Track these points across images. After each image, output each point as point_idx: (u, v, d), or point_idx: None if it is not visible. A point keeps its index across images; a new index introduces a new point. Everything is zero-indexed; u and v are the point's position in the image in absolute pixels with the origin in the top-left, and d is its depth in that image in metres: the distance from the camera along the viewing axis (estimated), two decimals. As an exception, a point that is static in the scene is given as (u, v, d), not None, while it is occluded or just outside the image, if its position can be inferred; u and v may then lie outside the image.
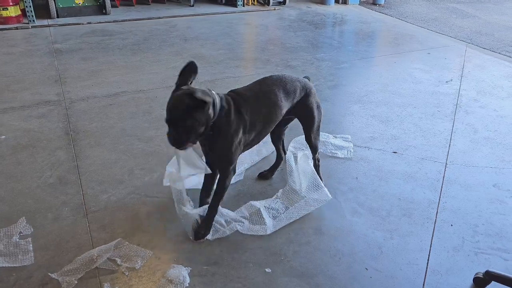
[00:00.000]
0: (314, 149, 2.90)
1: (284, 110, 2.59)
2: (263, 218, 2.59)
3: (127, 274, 2.22)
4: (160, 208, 2.67)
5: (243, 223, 2.55)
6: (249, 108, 2.40)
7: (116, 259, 2.30)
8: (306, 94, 2.68)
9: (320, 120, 2.83)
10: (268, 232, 2.53)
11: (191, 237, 2.44)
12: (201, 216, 2.50)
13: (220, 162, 2.43)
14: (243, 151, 2.52)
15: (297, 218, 2.64)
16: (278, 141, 3.01)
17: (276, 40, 6.25)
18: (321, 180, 2.82)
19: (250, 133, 2.44)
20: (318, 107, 2.78)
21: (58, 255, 2.32)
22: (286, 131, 3.02)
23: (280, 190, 2.81)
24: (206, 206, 2.52)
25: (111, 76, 4.67)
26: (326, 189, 2.76)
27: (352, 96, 4.42)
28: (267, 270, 2.29)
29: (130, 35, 6.08)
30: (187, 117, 2.06)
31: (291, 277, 2.26)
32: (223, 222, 2.53)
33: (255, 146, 2.63)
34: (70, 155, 3.23)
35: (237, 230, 2.52)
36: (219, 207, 2.51)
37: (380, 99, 4.37)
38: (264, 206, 2.67)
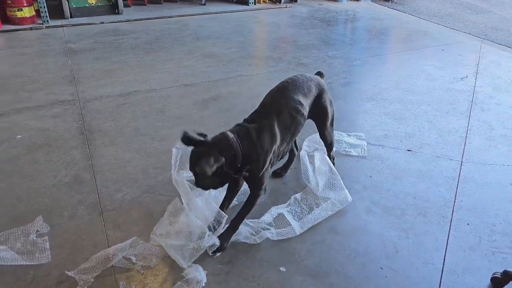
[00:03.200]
0: (329, 146, 2.89)
1: (306, 114, 2.60)
2: (288, 221, 2.58)
3: (142, 272, 2.24)
4: (174, 207, 2.67)
5: (270, 229, 2.53)
6: (278, 125, 2.40)
7: (131, 257, 2.31)
8: (319, 93, 2.67)
9: (334, 116, 2.82)
10: (297, 232, 2.51)
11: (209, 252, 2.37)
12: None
13: (252, 184, 2.43)
14: (277, 161, 2.57)
15: (324, 219, 2.63)
16: None
17: (288, 38, 6.23)
18: None
19: (282, 145, 2.46)
20: (331, 103, 2.78)
21: (74, 254, 2.35)
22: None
23: (299, 193, 2.81)
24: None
25: (124, 75, 4.69)
26: (347, 191, 2.75)
27: (365, 94, 4.39)
28: (281, 269, 2.29)
29: (142, 34, 6.10)
30: (202, 177, 2.21)
31: (305, 276, 2.26)
32: (251, 231, 2.51)
33: None
34: (85, 154, 3.26)
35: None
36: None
37: (394, 96, 4.33)
38: (287, 211, 2.66)
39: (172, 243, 2.33)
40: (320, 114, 2.74)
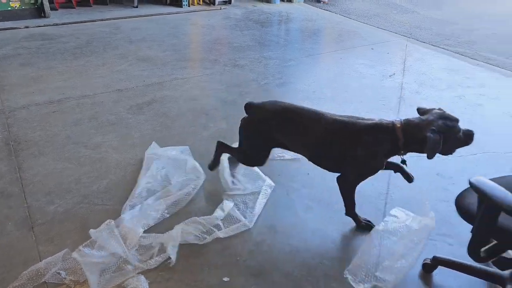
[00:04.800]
0: None
1: None
2: (236, 217, 2.63)
3: (72, 287, 2.14)
4: (110, 215, 2.58)
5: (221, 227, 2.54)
6: None
7: (61, 271, 2.20)
8: None
9: None
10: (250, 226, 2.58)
11: None
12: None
13: None
14: None
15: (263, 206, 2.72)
16: None
17: (223, 39, 6.23)
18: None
19: None
20: None
21: (4, 273, 2.21)
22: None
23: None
24: None
25: (53, 82, 4.47)
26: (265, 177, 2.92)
27: (301, 93, 4.48)
28: (223, 277, 2.27)
29: (72, 38, 5.86)
30: None
31: (248, 276, 2.27)
32: (203, 229, 2.51)
33: None
34: (12, 167, 3.07)
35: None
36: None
37: (328, 95, 4.46)
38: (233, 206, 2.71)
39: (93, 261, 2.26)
40: None
